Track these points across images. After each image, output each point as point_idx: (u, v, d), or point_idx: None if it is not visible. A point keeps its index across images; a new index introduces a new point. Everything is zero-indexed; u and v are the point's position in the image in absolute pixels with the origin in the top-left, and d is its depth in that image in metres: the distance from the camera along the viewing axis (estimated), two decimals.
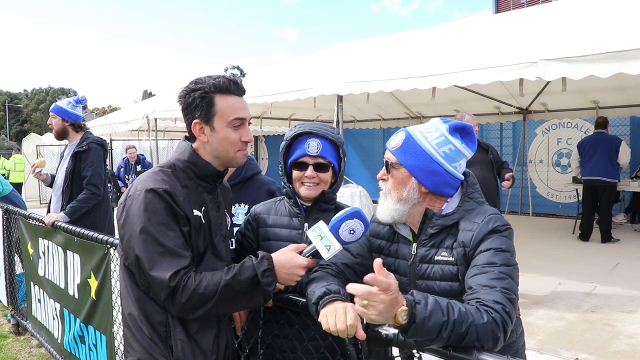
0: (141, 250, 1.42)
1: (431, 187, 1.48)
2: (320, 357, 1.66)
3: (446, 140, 1.48)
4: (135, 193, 1.48)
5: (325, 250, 1.48)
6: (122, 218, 1.50)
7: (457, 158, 1.50)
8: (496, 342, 1.19)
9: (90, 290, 2.98)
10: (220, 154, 1.59)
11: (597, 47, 3.99)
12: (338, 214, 1.52)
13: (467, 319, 1.15)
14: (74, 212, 3.70)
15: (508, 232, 1.42)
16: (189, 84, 1.58)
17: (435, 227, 1.48)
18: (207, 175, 1.61)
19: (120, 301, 1.61)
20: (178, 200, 1.48)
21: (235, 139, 1.58)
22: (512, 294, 1.27)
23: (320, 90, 5.78)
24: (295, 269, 1.50)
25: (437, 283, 1.47)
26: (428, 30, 9.24)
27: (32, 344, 4.33)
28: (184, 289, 1.40)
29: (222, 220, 1.70)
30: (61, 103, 4.04)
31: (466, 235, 1.42)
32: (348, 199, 6.85)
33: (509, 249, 1.38)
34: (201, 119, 1.55)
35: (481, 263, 1.35)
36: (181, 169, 1.59)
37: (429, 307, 1.12)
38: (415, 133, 1.52)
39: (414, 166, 1.48)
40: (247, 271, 1.46)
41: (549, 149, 10.38)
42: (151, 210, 1.44)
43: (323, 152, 1.79)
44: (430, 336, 1.13)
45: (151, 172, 1.56)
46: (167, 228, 1.45)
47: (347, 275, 1.61)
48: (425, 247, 1.50)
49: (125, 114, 12.04)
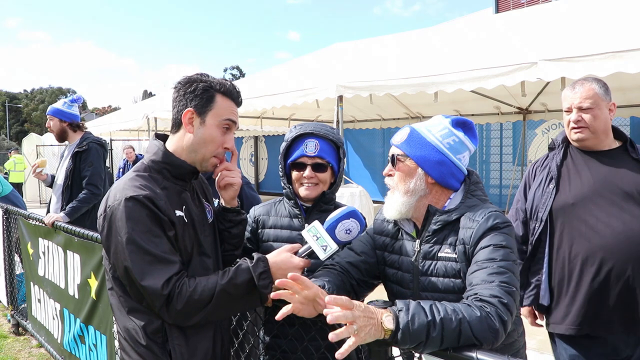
0: (129, 261, 1.38)
1: (438, 177, 1.51)
2: (321, 357, 1.66)
3: (450, 132, 1.53)
4: (115, 203, 1.43)
5: (322, 251, 1.47)
6: (105, 230, 1.45)
7: (461, 150, 1.54)
8: (495, 335, 1.18)
9: (90, 290, 2.97)
10: (198, 149, 1.54)
11: (597, 47, 3.99)
12: (333, 213, 1.52)
13: (456, 316, 1.15)
14: (73, 212, 3.70)
15: (508, 229, 1.42)
16: (194, 74, 1.56)
17: (437, 223, 1.48)
18: (183, 174, 1.57)
19: (113, 313, 1.57)
20: (160, 205, 1.43)
21: (219, 140, 1.55)
22: (511, 287, 1.27)
23: (320, 93, 5.78)
24: (291, 269, 1.48)
25: (440, 280, 1.47)
26: (428, 30, 9.24)
27: (32, 344, 4.33)
28: (179, 296, 1.38)
29: (204, 215, 1.66)
30: (57, 104, 4.05)
31: (466, 232, 1.43)
32: (348, 199, 6.85)
33: (509, 245, 1.38)
34: (196, 109, 1.52)
35: (481, 259, 1.35)
36: (156, 170, 1.54)
37: (410, 311, 1.14)
38: (420, 127, 1.56)
39: (420, 157, 1.50)
40: (242, 274, 1.45)
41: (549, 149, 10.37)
42: (134, 219, 1.39)
43: (321, 153, 1.79)
44: (420, 339, 1.12)
45: (127, 178, 1.50)
46: (152, 235, 1.40)
47: (352, 274, 1.61)
48: (428, 243, 1.50)
49: (125, 114, 12.04)
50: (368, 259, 1.64)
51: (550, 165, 2.26)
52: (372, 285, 1.69)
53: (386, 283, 1.66)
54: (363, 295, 1.69)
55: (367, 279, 1.64)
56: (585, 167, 2.15)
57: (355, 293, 1.60)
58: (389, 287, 1.65)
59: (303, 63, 9.78)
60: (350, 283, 1.60)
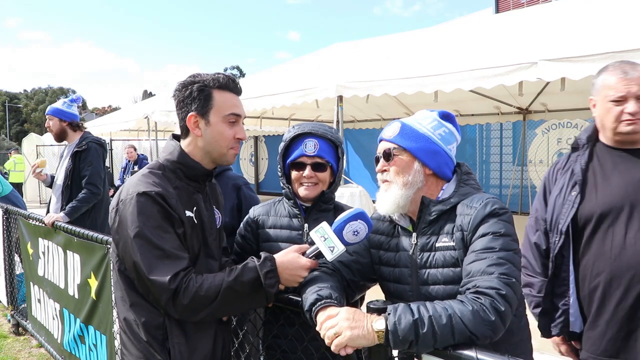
0: (138, 255, 1.40)
1: (435, 168, 1.52)
2: (321, 357, 1.66)
3: (440, 124, 1.56)
4: (127, 197, 1.45)
5: (329, 252, 1.47)
6: (116, 223, 1.47)
7: (451, 140, 1.57)
8: (492, 327, 1.17)
9: (90, 290, 2.97)
10: (212, 149, 1.57)
11: (597, 47, 3.99)
12: (342, 215, 1.52)
13: (445, 312, 1.16)
14: (73, 212, 3.70)
15: (507, 215, 1.40)
16: (186, 78, 1.57)
17: (433, 213, 1.47)
18: (197, 175, 1.60)
19: (116, 306, 1.59)
20: (171, 203, 1.46)
21: (229, 135, 1.57)
22: (510, 279, 1.25)
23: (321, 92, 5.78)
24: (298, 270, 1.49)
25: (440, 270, 1.45)
26: (429, 30, 9.24)
27: (32, 344, 4.33)
28: (186, 291, 1.39)
29: (213, 219, 1.69)
30: (56, 104, 4.06)
31: (464, 219, 1.41)
32: (348, 199, 6.84)
33: (508, 232, 1.36)
34: (197, 111, 1.53)
35: (479, 249, 1.33)
36: (170, 169, 1.57)
37: (398, 312, 1.16)
38: (410, 121, 1.57)
39: (416, 149, 1.51)
40: (249, 272, 1.45)
41: (549, 149, 10.38)
42: (145, 214, 1.42)
43: (320, 152, 1.79)
44: (410, 337, 1.13)
45: (141, 174, 1.54)
46: (162, 231, 1.43)
47: (343, 273, 1.60)
48: (425, 235, 1.49)
49: (125, 114, 12.04)
50: (360, 259, 1.63)
51: (574, 168, 1.94)
52: (362, 287, 1.68)
53: (382, 283, 1.64)
54: (352, 297, 1.66)
55: (358, 280, 1.63)
56: (615, 171, 1.85)
57: (345, 294, 1.57)
58: (385, 287, 1.64)
59: (303, 63, 9.78)
60: (342, 283, 1.58)
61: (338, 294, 1.42)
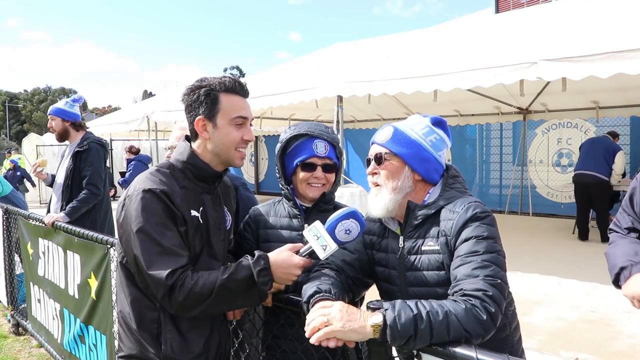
0: (139, 249, 1.44)
1: (424, 174, 1.55)
2: (321, 357, 1.66)
3: (431, 130, 1.59)
4: (134, 193, 1.50)
5: (322, 250, 1.49)
6: (121, 218, 1.52)
7: (442, 147, 1.59)
8: (484, 326, 1.20)
9: (90, 290, 2.98)
10: (220, 151, 1.61)
11: (597, 47, 3.99)
12: (334, 214, 1.54)
13: (442, 309, 1.19)
14: (74, 212, 3.70)
15: (489, 218, 1.43)
16: (193, 83, 1.61)
17: (419, 217, 1.51)
18: (206, 176, 1.63)
19: (116, 297, 1.62)
20: (175, 201, 1.50)
21: (236, 137, 1.60)
22: (496, 280, 1.28)
23: (321, 92, 5.79)
24: (292, 268, 1.51)
25: (425, 273, 1.48)
26: (429, 30, 9.24)
27: (32, 344, 4.33)
28: (181, 288, 1.42)
29: (222, 220, 1.71)
30: (59, 104, 4.06)
31: (447, 224, 1.44)
32: (348, 199, 6.85)
33: (491, 235, 1.38)
34: (205, 115, 1.57)
35: (464, 253, 1.36)
36: (180, 169, 1.61)
37: (397, 308, 1.18)
38: (402, 127, 1.59)
39: (407, 155, 1.53)
40: (243, 270, 1.48)
41: (549, 149, 10.38)
42: (149, 210, 1.46)
43: (330, 153, 1.81)
44: (409, 333, 1.15)
45: (149, 172, 1.59)
46: (164, 228, 1.47)
47: (347, 272, 1.63)
48: (411, 238, 1.53)
49: (125, 114, 12.05)
50: (361, 257, 1.67)
51: None
52: (366, 283, 1.71)
53: (377, 281, 1.69)
54: (359, 293, 1.70)
55: (362, 277, 1.67)
56: None
57: (351, 292, 1.62)
58: (379, 285, 1.69)
59: (303, 63, 9.78)
60: (347, 282, 1.61)
61: (338, 290, 1.45)
